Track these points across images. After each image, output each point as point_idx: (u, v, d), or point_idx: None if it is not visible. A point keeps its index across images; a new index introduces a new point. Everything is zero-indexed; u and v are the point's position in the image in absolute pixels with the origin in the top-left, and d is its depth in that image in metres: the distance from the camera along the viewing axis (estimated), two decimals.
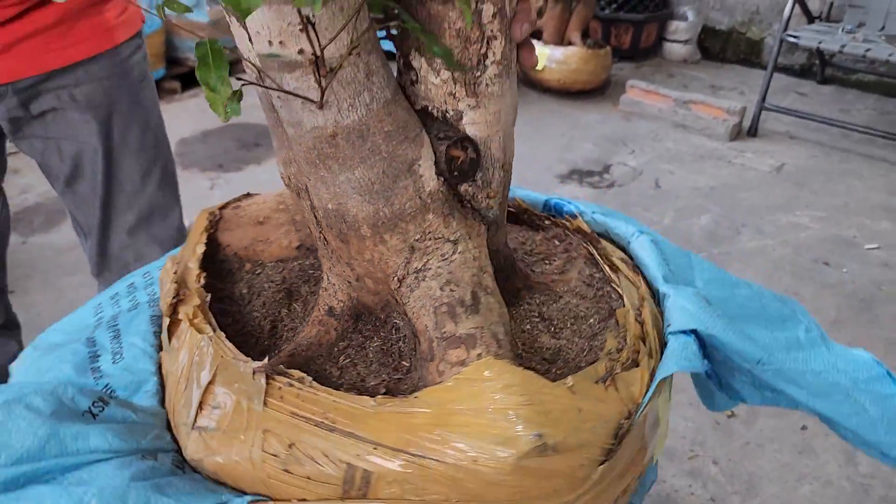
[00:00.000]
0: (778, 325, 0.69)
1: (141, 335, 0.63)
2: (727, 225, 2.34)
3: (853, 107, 3.26)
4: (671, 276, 0.70)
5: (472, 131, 0.58)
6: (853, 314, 1.93)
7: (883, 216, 2.39)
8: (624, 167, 2.72)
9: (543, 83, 3.31)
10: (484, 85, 0.56)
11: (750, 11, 3.63)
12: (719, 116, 2.93)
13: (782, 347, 0.64)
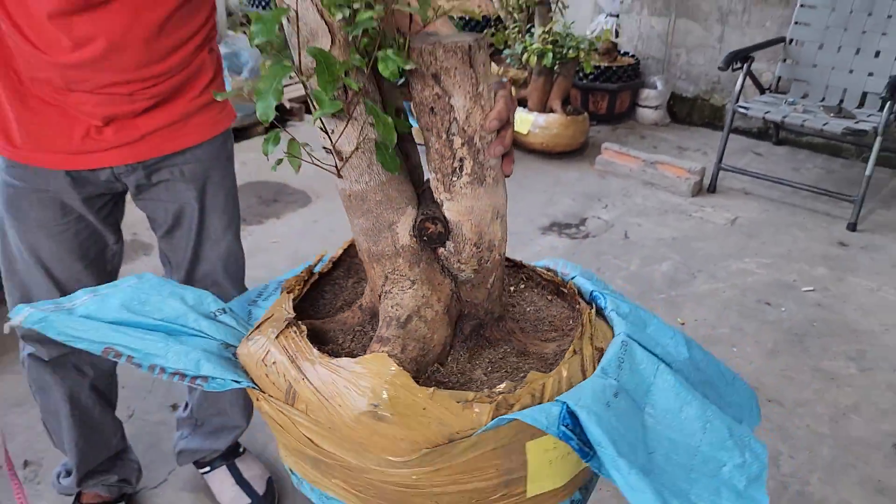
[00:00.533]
0: (703, 464, 0.87)
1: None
2: (685, 271, 2.70)
3: (803, 166, 3.66)
4: (628, 382, 0.92)
5: (448, 215, 0.93)
6: (788, 346, 2.28)
7: (820, 263, 2.76)
8: (598, 220, 3.10)
9: (528, 145, 3.71)
10: (458, 187, 0.91)
11: (712, 81, 4.06)
12: (682, 175, 3.32)
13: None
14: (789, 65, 3.42)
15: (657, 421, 0.92)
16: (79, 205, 1.29)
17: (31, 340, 1.41)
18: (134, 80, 1.19)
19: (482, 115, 0.85)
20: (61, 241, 1.30)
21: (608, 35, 3.91)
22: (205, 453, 1.70)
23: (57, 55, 1.14)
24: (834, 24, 3.29)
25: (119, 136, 1.24)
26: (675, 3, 4.07)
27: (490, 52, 4.14)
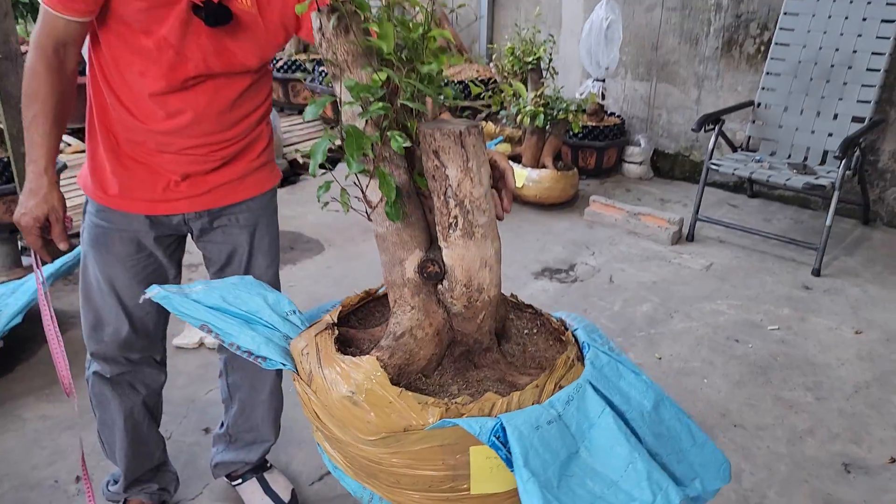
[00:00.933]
0: (614, 495, 1.07)
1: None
2: (663, 311, 2.99)
3: (775, 217, 3.98)
4: (571, 417, 1.16)
5: (445, 260, 1.23)
6: (752, 378, 2.56)
7: (785, 304, 3.05)
8: (586, 266, 3.40)
9: (523, 198, 4.04)
10: (453, 239, 1.20)
11: (691, 139, 4.42)
12: (663, 225, 3.64)
13: None
14: (758, 126, 3.77)
15: (589, 454, 1.15)
16: (151, 243, 1.60)
17: (98, 359, 1.70)
18: (209, 144, 1.52)
19: (471, 184, 1.16)
20: (134, 272, 1.61)
21: (594, 98, 4.28)
22: (237, 466, 1.96)
23: (152, 124, 1.47)
24: (796, 90, 3.66)
25: (192, 189, 1.56)
26: (656, 70, 4.45)
27: (488, 112, 4.50)
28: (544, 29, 4.60)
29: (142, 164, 1.53)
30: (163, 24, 1.39)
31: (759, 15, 3.97)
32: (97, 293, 1.63)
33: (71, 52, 1.44)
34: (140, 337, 1.70)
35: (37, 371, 2.56)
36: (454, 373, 1.29)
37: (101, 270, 1.60)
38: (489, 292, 1.24)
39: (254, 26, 1.44)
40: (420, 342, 1.24)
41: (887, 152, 3.75)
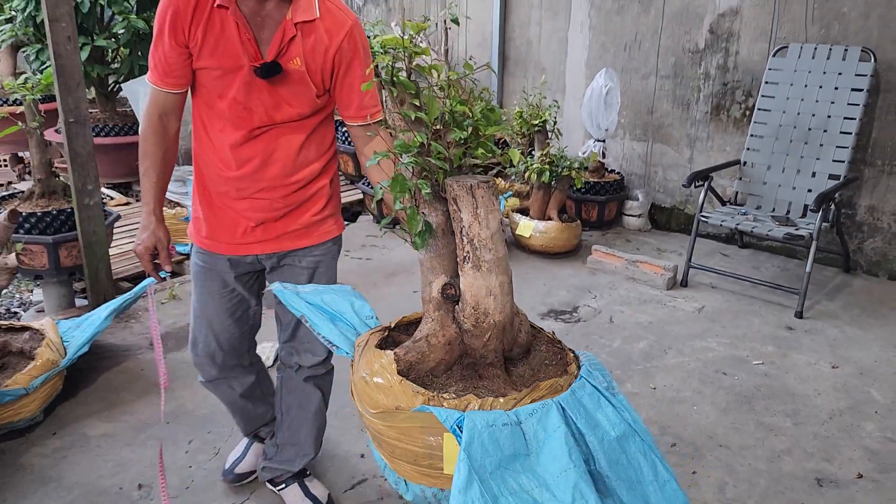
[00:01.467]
0: (547, 501, 1.37)
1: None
2: (658, 348, 3.30)
3: (763, 265, 4.31)
4: (530, 426, 1.49)
5: (461, 285, 1.57)
6: (737, 405, 2.85)
7: (770, 343, 3.35)
8: (588, 308, 3.72)
9: (530, 247, 4.39)
10: (465, 269, 1.54)
11: (685, 194, 4.78)
12: (659, 272, 3.97)
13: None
14: (745, 182, 4.14)
15: (536, 458, 1.43)
16: (233, 280, 1.96)
17: (196, 367, 2.13)
18: (276, 187, 1.87)
19: (479, 227, 1.51)
20: (220, 303, 1.98)
21: (595, 156, 4.67)
22: (280, 472, 2.25)
23: (231, 172, 1.85)
24: (778, 150, 4.03)
25: (264, 235, 1.92)
26: (652, 131, 4.85)
27: (497, 170, 4.89)
28: (549, 94, 5.03)
29: (226, 211, 1.90)
30: (231, 87, 1.75)
31: (744, 83, 4.38)
32: (194, 317, 2.04)
33: (172, 119, 1.85)
34: (226, 352, 2.08)
35: (97, 396, 2.87)
36: (459, 378, 1.62)
37: (198, 300, 2.01)
38: (494, 317, 1.58)
39: (303, 82, 1.77)
40: (432, 347, 1.57)
41: (864, 207, 4.09)
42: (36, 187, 3.53)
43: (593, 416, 1.53)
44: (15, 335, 2.83)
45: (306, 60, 1.75)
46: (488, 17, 5.43)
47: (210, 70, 1.75)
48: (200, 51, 1.74)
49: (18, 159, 6.53)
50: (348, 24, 1.77)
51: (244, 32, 1.70)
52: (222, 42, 1.71)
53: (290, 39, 1.72)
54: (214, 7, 1.69)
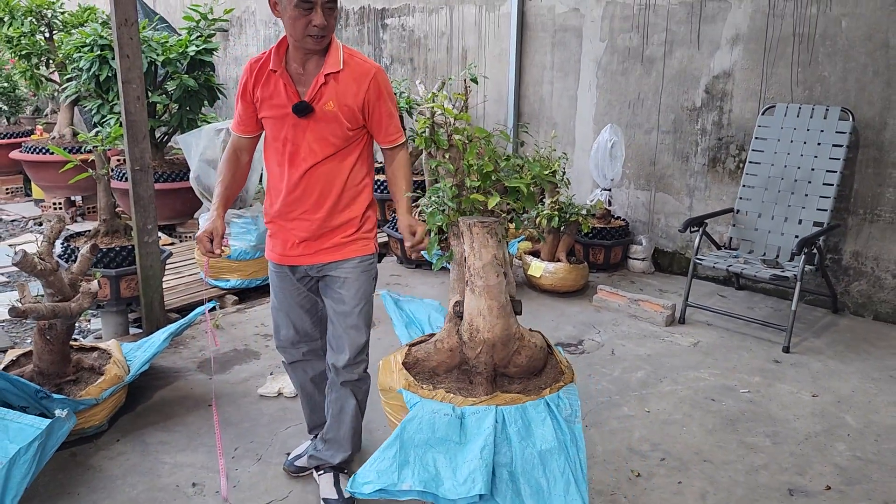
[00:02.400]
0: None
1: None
2: (654, 377, 3.63)
3: (757, 305, 4.64)
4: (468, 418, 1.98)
5: (465, 304, 1.97)
6: (722, 427, 3.17)
7: (757, 374, 3.68)
8: (592, 341, 4.07)
9: (540, 286, 4.77)
10: (466, 292, 1.95)
11: (686, 239, 5.15)
12: (659, 310, 4.32)
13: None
14: (738, 228, 4.50)
15: (461, 446, 1.83)
16: (297, 282, 2.47)
17: (280, 350, 2.63)
18: (316, 209, 2.34)
19: (473, 257, 1.92)
20: (294, 299, 2.50)
21: (602, 204, 5.07)
22: (322, 462, 2.64)
23: (283, 197, 2.35)
24: (768, 199, 4.41)
25: (306, 250, 2.39)
26: (654, 181, 5.25)
27: (511, 216, 5.30)
28: (560, 147, 5.47)
29: (282, 230, 2.41)
30: (283, 129, 2.31)
31: (737, 138, 4.78)
32: (275, 311, 2.58)
33: (244, 154, 2.51)
34: (302, 337, 2.58)
35: (153, 409, 3.27)
36: (454, 380, 2.01)
37: (276, 297, 2.56)
38: (483, 334, 1.96)
39: (336, 120, 2.27)
40: (437, 350, 1.97)
41: (849, 252, 4.43)
42: (101, 226, 4.00)
43: (531, 429, 1.87)
44: (86, 354, 3.25)
45: (338, 102, 2.26)
46: (504, 77, 5.92)
47: (268, 119, 2.34)
48: (261, 105, 2.34)
49: (71, 203, 7.08)
50: (372, 72, 2.29)
51: (289, 87, 2.27)
52: (275, 96, 2.30)
53: (321, 86, 2.24)
54: (269, 72, 2.30)
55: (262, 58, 2.34)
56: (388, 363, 2.03)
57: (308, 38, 2.17)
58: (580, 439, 1.89)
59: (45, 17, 6.82)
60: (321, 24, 2.14)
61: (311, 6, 2.13)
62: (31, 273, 2.68)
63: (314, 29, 2.15)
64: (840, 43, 4.26)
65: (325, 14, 2.15)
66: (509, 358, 2.00)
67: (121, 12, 3.58)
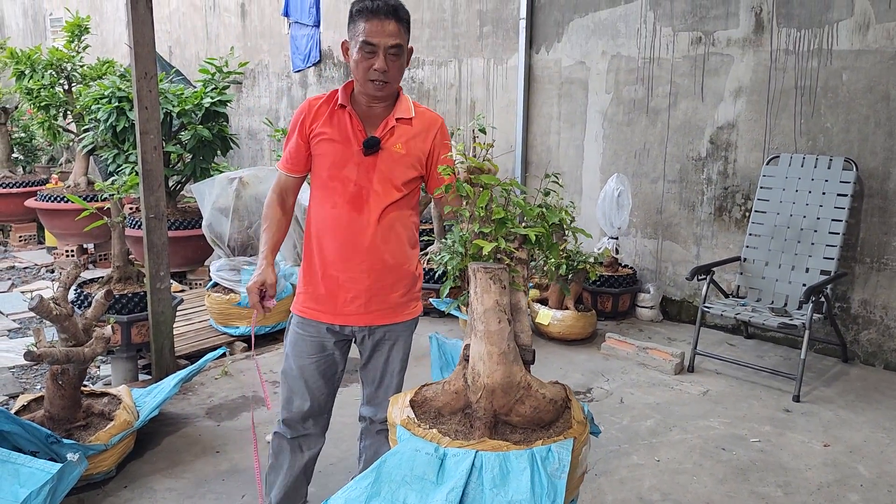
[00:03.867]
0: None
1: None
2: (664, 425, 3.61)
3: (767, 354, 4.62)
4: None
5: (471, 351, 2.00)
6: (733, 476, 3.14)
7: (768, 423, 3.65)
8: (601, 389, 4.06)
9: (549, 334, 4.78)
10: (471, 335, 1.98)
11: (694, 288, 5.17)
12: (667, 358, 4.31)
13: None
14: (746, 276, 4.52)
15: (436, 489, 1.82)
16: (333, 345, 2.35)
17: (286, 424, 2.43)
18: (373, 260, 2.23)
19: (476, 302, 1.93)
20: (319, 366, 2.36)
21: (609, 252, 5.11)
22: None
23: (336, 245, 2.25)
24: (775, 248, 4.44)
25: (366, 308, 2.28)
26: (661, 230, 5.30)
27: (524, 262, 5.34)
28: (567, 196, 5.54)
29: (334, 283, 2.27)
30: (344, 168, 2.22)
31: (742, 187, 4.84)
32: (290, 377, 2.39)
33: (289, 196, 2.39)
34: (316, 412, 2.42)
35: (161, 456, 3.26)
36: (456, 422, 2.01)
37: (295, 363, 2.37)
38: (483, 379, 1.96)
39: (402, 161, 2.24)
40: (444, 392, 1.99)
41: (857, 301, 4.44)
42: (115, 273, 4.06)
43: (507, 479, 1.83)
44: (96, 399, 3.26)
45: (408, 146, 2.24)
46: (512, 127, 6.03)
47: (327, 155, 2.24)
48: (320, 141, 2.24)
49: (83, 250, 7.17)
50: (440, 121, 2.34)
51: (356, 124, 2.23)
52: (339, 132, 2.23)
53: (391, 129, 2.23)
54: (336, 108, 2.25)
55: (323, 96, 2.30)
56: (396, 399, 2.05)
57: (369, 82, 2.15)
58: (560, 495, 1.83)
59: (65, 70, 7.03)
60: (382, 68, 2.11)
61: (373, 50, 2.11)
62: (46, 318, 2.73)
63: (375, 73, 2.13)
64: (841, 95, 4.35)
65: (388, 60, 2.13)
66: (511, 406, 1.99)
67: (141, 66, 3.71)
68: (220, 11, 8.85)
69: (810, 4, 4.41)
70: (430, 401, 2.02)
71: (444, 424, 1.99)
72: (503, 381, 1.92)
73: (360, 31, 2.12)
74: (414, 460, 1.80)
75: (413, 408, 2.02)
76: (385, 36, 2.11)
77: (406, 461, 1.79)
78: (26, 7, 12.70)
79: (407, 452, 1.80)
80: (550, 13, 5.69)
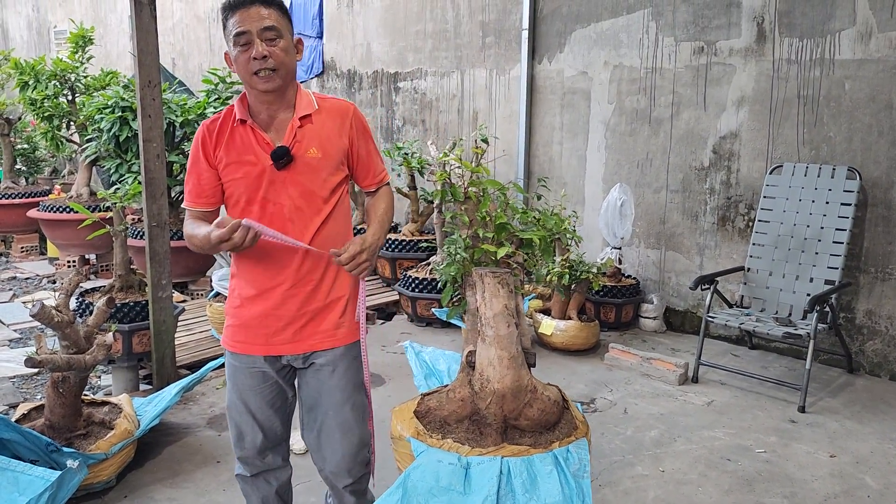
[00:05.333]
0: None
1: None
2: (668, 436, 3.58)
3: (771, 365, 4.59)
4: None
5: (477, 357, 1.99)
6: (739, 488, 3.11)
7: (773, 434, 3.62)
8: (604, 400, 4.03)
9: (552, 345, 4.75)
10: (478, 341, 1.97)
11: (698, 298, 5.14)
12: (671, 369, 4.28)
13: None
14: (749, 286, 4.50)
15: (466, 499, 1.83)
16: (274, 375, 2.11)
17: (242, 462, 2.23)
18: (304, 283, 2.01)
19: (485, 307, 1.93)
20: (264, 398, 2.14)
21: (612, 262, 5.09)
22: None
23: (263, 272, 2.04)
24: (778, 258, 4.42)
25: (298, 336, 2.06)
26: (664, 240, 5.29)
27: (525, 272, 5.33)
28: (570, 206, 5.53)
29: (262, 312, 2.05)
30: (259, 189, 1.99)
31: (745, 197, 4.83)
32: (235, 412, 2.17)
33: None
34: (271, 443, 2.21)
35: (162, 466, 3.24)
36: (464, 430, 2.00)
37: (239, 397, 2.15)
38: (493, 384, 1.96)
39: (319, 167, 2.01)
40: (449, 400, 1.97)
41: (862, 311, 4.41)
42: (116, 282, 4.04)
43: (536, 482, 1.85)
44: (97, 408, 3.24)
45: (323, 148, 2.02)
46: (514, 137, 6.04)
47: (239, 181, 2.01)
48: (227, 167, 2.02)
49: (85, 261, 7.16)
50: (351, 108, 2.10)
51: (260, 136, 2.01)
52: (245, 152, 2.00)
53: (297, 132, 2.00)
54: (235, 125, 2.02)
55: (218, 117, 2.07)
56: (400, 412, 2.02)
57: (254, 76, 1.94)
58: (587, 495, 1.86)
59: (69, 81, 7.05)
60: (260, 54, 1.92)
61: (248, 38, 1.93)
62: (48, 325, 2.71)
63: (255, 63, 1.92)
64: (844, 104, 4.35)
65: (267, 44, 1.93)
66: (520, 410, 1.99)
67: (144, 74, 3.71)
68: None
69: (812, 14, 4.42)
70: (435, 410, 2.01)
71: (453, 433, 1.98)
72: (513, 385, 1.92)
73: (231, 26, 1.96)
74: (438, 471, 1.78)
75: (418, 419, 2.00)
76: (253, 20, 1.92)
77: (430, 473, 1.77)
78: (31, 20, 12.77)
79: (430, 464, 1.78)
80: (553, 24, 5.70)
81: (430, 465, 1.80)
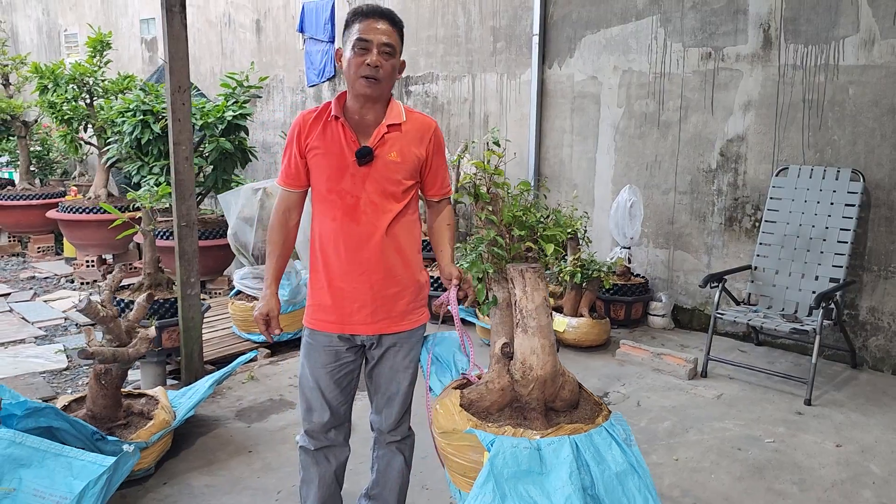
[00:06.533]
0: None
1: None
2: (680, 427, 3.72)
3: (777, 360, 4.74)
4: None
5: (515, 344, 2.12)
6: (750, 474, 3.25)
7: (781, 425, 3.76)
8: (617, 394, 4.17)
9: (564, 341, 4.89)
10: (517, 332, 2.10)
11: (705, 296, 5.29)
12: (681, 364, 4.43)
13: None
14: (757, 284, 4.65)
15: (545, 475, 1.96)
16: (344, 354, 2.31)
17: (308, 435, 2.40)
18: (378, 270, 2.22)
19: (526, 300, 2.07)
20: (334, 376, 2.33)
21: (622, 261, 5.24)
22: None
23: (341, 255, 2.26)
24: (784, 257, 4.56)
25: (372, 317, 2.26)
26: (673, 240, 5.43)
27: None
28: (580, 207, 5.67)
29: (339, 294, 2.26)
30: (341, 180, 2.20)
31: (752, 198, 4.98)
32: (307, 388, 2.37)
33: (293, 213, 2.35)
34: (336, 421, 2.39)
35: (196, 455, 3.38)
36: (508, 417, 2.14)
37: (312, 373, 2.35)
38: (536, 371, 2.11)
39: (397, 170, 2.23)
40: (489, 391, 2.11)
41: (865, 308, 4.56)
42: (145, 280, 4.18)
43: (602, 454, 2.01)
44: (135, 399, 3.39)
45: (402, 153, 2.23)
46: (525, 140, 6.19)
47: (322, 168, 2.23)
48: (314, 154, 2.24)
49: (103, 261, 7.31)
50: (433, 125, 2.32)
51: (348, 134, 2.22)
52: (333, 144, 2.23)
53: (384, 136, 2.22)
54: (329, 119, 2.24)
55: (317, 110, 2.30)
56: (445, 407, 2.14)
57: (361, 79, 2.15)
58: (642, 460, 2.04)
59: (87, 84, 7.19)
60: (374, 63, 2.12)
61: (367, 46, 2.13)
62: (94, 319, 2.85)
63: (366, 68, 2.12)
64: (848, 108, 4.50)
65: (381, 57, 2.14)
66: (556, 392, 2.14)
67: (175, 80, 3.86)
68: (236, 27, 9.05)
69: (817, 21, 4.57)
70: (477, 402, 2.15)
71: (498, 421, 2.12)
72: (552, 370, 2.08)
73: (354, 31, 2.15)
74: (517, 456, 1.92)
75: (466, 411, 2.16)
76: (378, 33, 2.14)
77: (511, 458, 1.90)
78: (41, 23, 12.92)
79: (508, 450, 1.91)
80: (563, 29, 5.85)
81: (508, 450, 1.94)
